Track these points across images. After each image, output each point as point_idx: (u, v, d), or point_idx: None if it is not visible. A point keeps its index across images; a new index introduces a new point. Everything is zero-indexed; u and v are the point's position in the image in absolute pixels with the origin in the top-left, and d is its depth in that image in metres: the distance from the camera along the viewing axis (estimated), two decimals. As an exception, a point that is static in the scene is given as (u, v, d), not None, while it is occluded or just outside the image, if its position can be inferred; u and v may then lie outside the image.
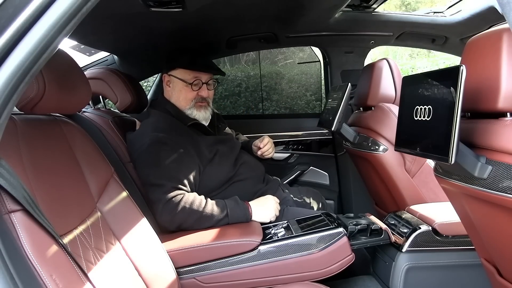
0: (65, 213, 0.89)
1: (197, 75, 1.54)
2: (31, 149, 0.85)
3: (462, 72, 0.72)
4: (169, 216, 1.29)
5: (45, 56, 0.62)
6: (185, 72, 1.53)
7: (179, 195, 1.31)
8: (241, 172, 1.54)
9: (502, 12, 0.61)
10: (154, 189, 1.33)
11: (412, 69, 6.39)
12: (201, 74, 1.54)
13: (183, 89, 1.54)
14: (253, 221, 1.38)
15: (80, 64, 1.12)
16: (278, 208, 1.45)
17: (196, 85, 1.54)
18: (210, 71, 1.57)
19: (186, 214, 1.30)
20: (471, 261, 1.25)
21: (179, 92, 1.55)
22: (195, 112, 1.55)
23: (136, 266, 1.04)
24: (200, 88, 1.55)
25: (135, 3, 1.31)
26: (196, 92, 1.54)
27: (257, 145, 1.66)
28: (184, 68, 1.53)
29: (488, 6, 1.74)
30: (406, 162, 1.65)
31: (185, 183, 1.36)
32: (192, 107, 1.55)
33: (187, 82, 1.53)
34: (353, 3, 1.88)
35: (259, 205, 1.41)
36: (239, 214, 1.35)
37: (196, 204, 1.31)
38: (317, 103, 3.09)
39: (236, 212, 1.34)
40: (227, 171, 1.50)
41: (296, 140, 2.35)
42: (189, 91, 1.54)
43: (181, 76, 1.54)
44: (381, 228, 1.27)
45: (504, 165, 0.74)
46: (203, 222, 1.32)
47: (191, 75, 1.53)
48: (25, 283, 0.62)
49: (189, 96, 1.54)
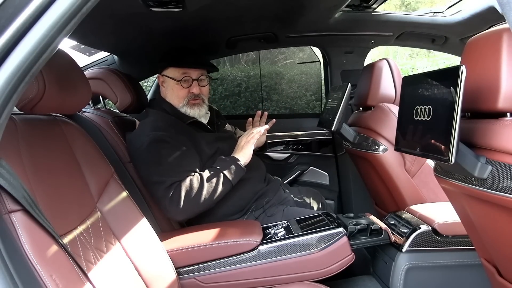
0: (65, 213, 0.89)
1: (186, 72, 1.54)
2: (31, 149, 0.85)
3: (462, 72, 0.72)
4: (178, 207, 1.31)
5: (45, 56, 0.62)
6: (175, 70, 1.54)
7: (178, 185, 1.33)
8: None
9: (502, 12, 0.61)
10: (157, 187, 1.34)
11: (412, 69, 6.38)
12: (190, 70, 1.54)
13: (174, 87, 1.55)
14: (253, 221, 1.38)
15: (80, 64, 1.12)
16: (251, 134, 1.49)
17: (185, 81, 1.54)
18: (198, 66, 1.57)
19: (192, 198, 1.32)
20: (471, 261, 1.25)
21: (172, 91, 1.56)
22: (189, 110, 1.55)
23: (136, 266, 1.04)
24: (191, 85, 1.55)
25: (135, 3, 1.31)
26: (187, 89, 1.54)
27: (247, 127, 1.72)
28: (173, 66, 1.54)
29: (488, 6, 1.74)
30: (406, 162, 1.65)
31: (185, 173, 1.37)
32: (185, 105, 1.55)
33: (176, 79, 1.54)
34: (353, 3, 1.88)
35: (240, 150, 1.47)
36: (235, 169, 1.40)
37: (195, 184, 1.34)
38: (317, 103, 3.09)
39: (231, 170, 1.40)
40: None
41: (296, 140, 2.35)
42: (180, 89, 1.54)
43: (171, 75, 1.55)
44: (381, 228, 1.27)
45: (504, 165, 0.74)
46: (211, 197, 1.35)
47: (180, 72, 1.54)
48: (25, 283, 0.62)
49: (180, 94, 1.55)
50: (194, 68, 1.55)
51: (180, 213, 1.33)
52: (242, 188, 1.50)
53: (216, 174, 1.38)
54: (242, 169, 1.43)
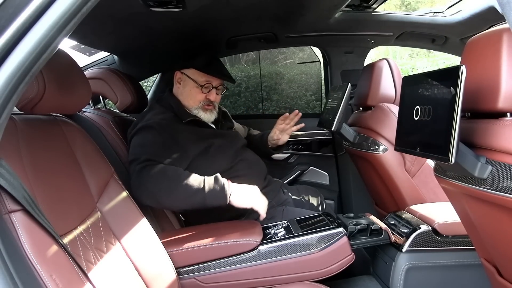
0: (65, 213, 0.89)
1: (209, 79, 1.56)
2: (31, 149, 0.85)
3: (462, 72, 0.72)
4: (141, 184, 1.26)
5: (45, 56, 0.62)
6: (198, 74, 1.56)
7: (153, 164, 1.30)
8: (238, 168, 1.53)
9: (502, 12, 0.61)
10: (132, 164, 1.33)
11: (412, 69, 6.39)
12: (213, 78, 1.57)
13: (193, 89, 1.56)
14: (253, 221, 1.37)
15: (80, 64, 1.12)
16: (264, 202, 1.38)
17: (206, 88, 1.56)
18: (223, 77, 1.60)
19: (158, 181, 1.26)
20: (471, 261, 1.25)
21: (189, 92, 1.57)
22: (201, 113, 1.57)
23: (136, 266, 1.04)
24: (210, 91, 1.57)
25: (135, 3, 1.32)
26: (205, 95, 1.57)
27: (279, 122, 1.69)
28: (198, 69, 1.55)
29: (488, 6, 1.74)
30: (406, 162, 1.65)
31: (164, 160, 1.34)
32: (198, 108, 1.57)
33: (199, 84, 1.56)
34: (353, 3, 1.88)
35: (241, 188, 1.35)
36: (217, 192, 1.29)
37: (170, 172, 1.29)
38: (317, 103, 3.09)
39: (214, 189, 1.29)
40: (220, 164, 1.48)
41: (296, 140, 2.35)
42: (198, 93, 1.56)
43: (194, 77, 1.56)
44: (381, 228, 1.27)
45: (504, 165, 0.74)
46: (178, 193, 1.27)
47: (204, 78, 1.56)
48: (25, 283, 0.62)
49: (198, 97, 1.57)
50: (218, 77, 1.58)
51: (141, 191, 1.26)
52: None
53: (196, 181, 1.29)
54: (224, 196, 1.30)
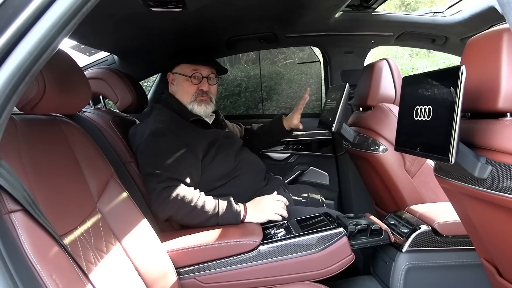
0: (65, 213, 0.89)
1: (196, 68, 1.58)
2: (31, 149, 0.85)
3: (462, 72, 0.72)
4: (161, 205, 1.30)
5: (45, 56, 0.62)
6: (185, 67, 1.59)
7: (174, 186, 1.31)
8: (239, 167, 1.55)
9: (502, 12, 0.61)
10: (150, 179, 1.34)
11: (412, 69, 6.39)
12: (201, 67, 1.58)
13: (184, 83, 1.58)
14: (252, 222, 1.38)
15: (80, 64, 1.12)
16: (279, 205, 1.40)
17: (195, 77, 1.57)
18: (208, 63, 1.61)
19: (177, 206, 1.29)
20: (471, 261, 1.25)
21: (181, 87, 1.59)
22: (196, 106, 1.57)
23: (136, 266, 1.04)
24: (201, 82, 1.58)
25: (135, 3, 1.31)
26: (197, 86, 1.58)
27: None
28: (184, 62, 1.58)
29: (488, 6, 1.74)
30: (406, 162, 1.65)
31: (182, 174, 1.36)
32: (193, 101, 1.57)
33: (187, 75, 1.57)
34: (353, 3, 1.88)
35: (254, 207, 1.38)
36: (230, 216, 1.32)
37: (188, 197, 1.30)
38: (317, 103, 3.08)
39: (227, 213, 1.32)
40: (226, 166, 1.51)
41: (296, 140, 2.35)
42: (189, 85, 1.57)
43: (182, 71, 1.59)
44: (381, 228, 1.27)
45: (504, 165, 0.74)
46: (193, 218, 1.31)
47: (190, 69, 1.58)
48: (25, 283, 0.62)
49: (190, 90, 1.57)
50: (205, 65, 1.59)
51: (160, 211, 1.31)
52: (240, 185, 1.50)
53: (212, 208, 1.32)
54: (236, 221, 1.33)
